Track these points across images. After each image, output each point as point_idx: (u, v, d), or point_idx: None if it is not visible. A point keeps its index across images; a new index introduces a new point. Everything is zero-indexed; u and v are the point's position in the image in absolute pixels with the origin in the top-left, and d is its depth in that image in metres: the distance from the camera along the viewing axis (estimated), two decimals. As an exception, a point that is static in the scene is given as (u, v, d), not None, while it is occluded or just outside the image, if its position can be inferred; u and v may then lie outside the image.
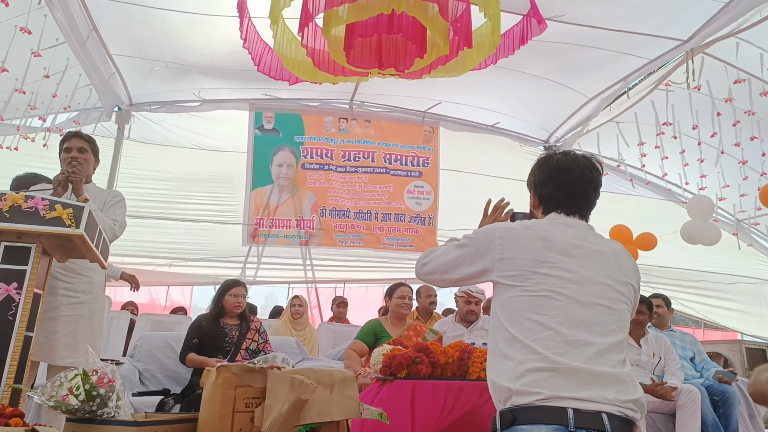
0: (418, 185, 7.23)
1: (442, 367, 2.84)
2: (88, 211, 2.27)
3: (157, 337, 3.76)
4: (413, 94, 6.93)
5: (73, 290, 2.87)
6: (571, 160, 1.56)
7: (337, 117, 7.26)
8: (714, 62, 5.19)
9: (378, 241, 6.95)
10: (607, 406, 1.26)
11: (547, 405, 1.25)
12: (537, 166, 1.63)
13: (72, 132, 3.18)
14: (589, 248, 1.45)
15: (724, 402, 3.58)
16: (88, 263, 2.74)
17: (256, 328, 3.47)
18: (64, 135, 3.14)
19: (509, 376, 1.33)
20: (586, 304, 1.37)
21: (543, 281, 1.39)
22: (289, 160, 6.99)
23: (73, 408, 1.65)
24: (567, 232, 1.47)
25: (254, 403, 1.86)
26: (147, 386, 3.50)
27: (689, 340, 4.20)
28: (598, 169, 1.57)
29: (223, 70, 6.32)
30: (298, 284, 7.29)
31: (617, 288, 1.43)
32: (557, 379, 1.28)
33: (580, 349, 1.32)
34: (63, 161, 3.03)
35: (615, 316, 1.40)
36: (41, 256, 2.27)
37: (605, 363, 1.32)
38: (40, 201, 2.21)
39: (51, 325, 2.76)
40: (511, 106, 7.04)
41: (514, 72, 6.12)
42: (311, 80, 4.36)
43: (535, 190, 1.62)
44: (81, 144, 3.06)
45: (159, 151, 6.75)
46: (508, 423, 1.28)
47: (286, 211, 6.83)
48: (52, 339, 2.74)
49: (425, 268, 1.61)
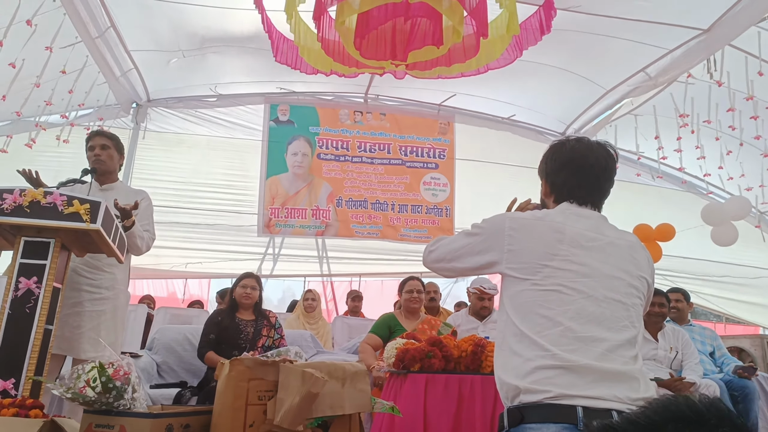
0: (435, 177, 7.20)
1: (455, 361, 2.84)
2: (105, 206, 2.30)
3: (175, 331, 3.81)
4: (428, 86, 6.89)
5: (96, 286, 2.94)
6: (585, 147, 1.48)
7: (352, 110, 7.27)
8: (735, 53, 5.06)
9: (395, 232, 6.94)
10: (618, 404, 1.22)
11: (556, 403, 1.22)
12: (549, 153, 1.55)
13: (95, 131, 3.26)
14: (602, 240, 1.40)
15: (744, 397, 3.52)
16: (110, 260, 2.79)
17: (272, 324, 3.49)
18: (90, 134, 3.21)
19: (517, 373, 1.30)
20: (599, 299, 1.33)
21: (554, 275, 1.34)
22: (305, 149, 7.01)
23: (90, 400, 1.69)
24: (580, 223, 1.41)
25: (267, 396, 1.88)
26: (165, 379, 3.56)
27: (709, 335, 4.13)
28: (613, 156, 1.50)
29: (239, 63, 6.37)
30: (313, 278, 7.32)
31: (631, 282, 1.39)
32: (567, 376, 1.25)
33: (591, 346, 1.28)
34: (88, 159, 3.11)
35: (628, 311, 1.36)
36: (60, 250, 2.32)
37: (617, 360, 1.28)
38: (59, 197, 2.25)
39: (75, 320, 2.82)
40: (527, 98, 6.96)
41: (529, 63, 6.04)
42: (327, 71, 4.36)
43: (547, 178, 1.54)
44: (103, 141, 3.15)
45: (174, 142, 6.82)
46: (517, 421, 1.26)
47: (301, 200, 6.84)
48: (76, 333, 2.81)
49: (432, 255, 1.56)
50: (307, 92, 7.15)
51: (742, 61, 5.01)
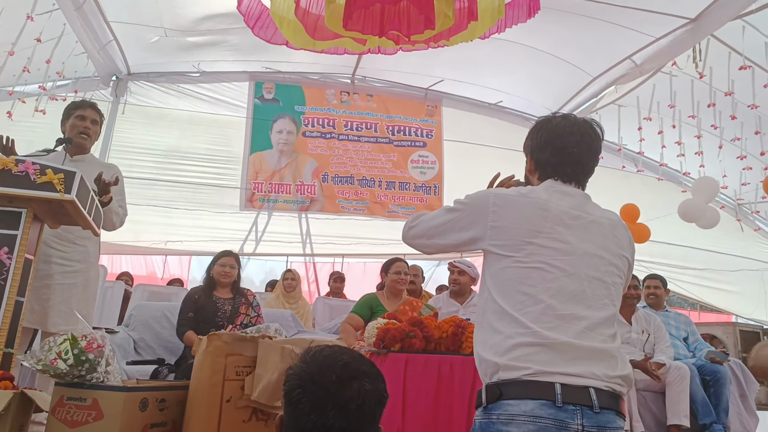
0: (423, 155, 7.17)
1: (436, 341, 2.84)
2: (80, 176, 2.24)
3: (153, 307, 3.76)
4: (415, 71, 6.84)
5: (67, 259, 2.87)
6: (570, 124, 1.47)
7: (338, 91, 7.18)
8: (719, 47, 5.09)
9: (383, 208, 6.90)
10: (596, 381, 1.23)
11: (534, 380, 1.22)
12: (535, 130, 1.53)
13: (89, 102, 3.16)
14: (585, 219, 1.39)
15: (716, 382, 3.60)
16: (82, 232, 2.73)
17: (249, 302, 3.45)
18: (79, 101, 3.11)
19: (496, 350, 1.29)
20: (580, 277, 1.33)
21: (537, 252, 1.32)
22: (290, 127, 6.92)
23: (61, 372, 1.65)
24: (564, 200, 1.40)
25: (245, 372, 1.86)
26: (142, 355, 3.51)
27: (683, 321, 4.21)
28: (598, 134, 1.49)
29: (224, 40, 6.24)
30: (296, 258, 7.28)
31: (612, 261, 1.39)
32: (546, 353, 1.25)
33: (570, 323, 1.28)
34: (72, 126, 3.00)
35: (608, 289, 1.36)
36: (32, 221, 2.25)
37: (596, 338, 1.29)
38: (31, 165, 2.18)
39: (45, 293, 2.76)
40: (515, 84, 6.95)
41: (517, 51, 6.03)
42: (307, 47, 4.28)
43: (532, 154, 1.52)
44: (95, 116, 3.08)
45: (155, 116, 6.67)
46: (495, 397, 1.25)
47: (286, 175, 6.75)
48: (46, 306, 2.75)
49: (412, 231, 1.51)
50: (293, 72, 7.05)
51: (725, 57, 5.05)
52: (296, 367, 1.09)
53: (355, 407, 1.03)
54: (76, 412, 1.66)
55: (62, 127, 3.08)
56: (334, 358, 1.07)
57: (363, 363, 1.09)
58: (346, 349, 1.15)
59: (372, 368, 1.11)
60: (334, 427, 1.02)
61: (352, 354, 1.12)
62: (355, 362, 1.08)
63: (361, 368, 1.07)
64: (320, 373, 1.04)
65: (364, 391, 1.03)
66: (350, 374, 1.05)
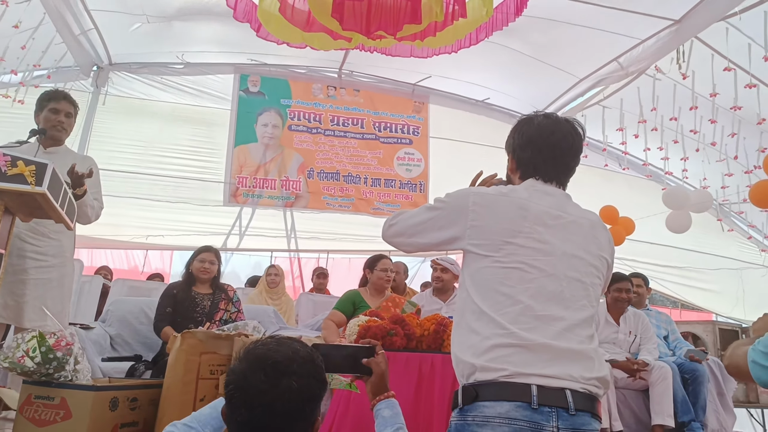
0: (409, 152, 7.14)
1: (417, 339, 2.81)
2: (52, 168, 2.17)
3: (130, 303, 3.69)
4: (403, 66, 6.81)
5: (42, 254, 2.81)
6: (552, 123, 1.46)
7: (325, 85, 7.12)
8: (702, 49, 5.13)
9: (368, 205, 6.86)
10: (572, 383, 1.22)
11: (510, 381, 1.21)
12: (517, 128, 1.51)
13: (63, 93, 3.07)
14: (565, 219, 1.38)
15: (694, 380, 3.63)
16: (57, 226, 2.66)
17: (230, 298, 3.40)
18: (52, 92, 3.03)
19: (474, 351, 1.27)
20: (559, 278, 1.32)
21: (516, 252, 1.31)
22: (275, 120, 6.84)
23: (28, 370, 1.60)
24: (544, 200, 1.39)
25: (219, 371, 1.82)
26: (119, 352, 3.44)
27: (664, 319, 4.24)
28: (579, 134, 1.48)
29: (208, 30, 6.14)
30: (281, 253, 7.22)
31: (591, 262, 1.38)
32: (523, 355, 1.23)
33: (548, 325, 1.27)
34: (45, 119, 2.93)
35: (587, 290, 1.35)
36: (3, 214, 2.19)
37: (573, 339, 1.28)
38: (2, 157, 2.11)
39: (20, 288, 2.70)
40: (502, 82, 6.96)
41: (505, 49, 6.03)
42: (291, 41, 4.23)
43: (514, 153, 1.51)
44: (70, 109, 3.02)
45: (137, 108, 6.56)
46: (471, 399, 1.24)
47: (270, 170, 6.68)
48: (20, 302, 2.69)
49: (392, 229, 1.49)
50: (279, 65, 6.97)
51: (708, 59, 5.09)
52: (235, 363, 1.13)
53: (280, 406, 1.06)
54: (44, 411, 1.61)
55: (36, 119, 3.01)
56: (265, 356, 1.10)
57: (294, 361, 1.10)
58: (285, 345, 1.15)
59: (304, 366, 1.12)
60: (263, 424, 1.06)
61: (287, 350, 1.12)
62: (286, 360, 1.09)
63: (291, 367, 1.09)
64: (251, 371, 1.08)
65: (291, 390, 1.06)
66: (278, 373, 1.07)
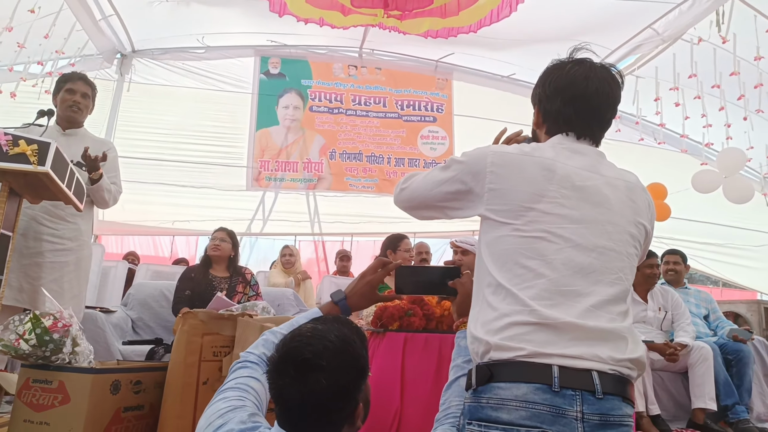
0: (432, 130, 6.95)
1: (437, 319, 2.70)
2: (55, 147, 2.12)
3: (151, 286, 3.68)
4: (425, 43, 6.61)
5: (58, 236, 2.79)
6: (586, 70, 1.26)
7: (346, 64, 6.98)
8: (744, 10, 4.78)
9: (392, 185, 6.68)
10: (599, 364, 1.07)
11: (529, 361, 1.07)
12: (544, 76, 1.32)
13: (79, 74, 3.05)
14: (597, 180, 1.20)
15: (738, 361, 3.40)
16: (74, 210, 2.63)
17: (247, 281, 3.34)
18: (69, 74, 3.01)
19: (489, 328, 1.13)
20: (588, 248, 1.15)
21: (539, 219, 1.15)
22: (296, 102, 6.74)
23: (23, 353, 1.54)
24: (573, 159, 1.21)
25: (223, 352, 1.74)
26: (140, 335, 3.44)
27: (704, 297, 4.00)
28: (617, 81, 1.28)
29: (228, 13, 6.07)
30: (304, 237, 7.17)
31: (627, 229, 1.20)
32: (543, 333, 1.09)
33: (574, 301, 1.12)
34: (62, 100, 2.91)
35: (621, 261, 1.18)
36: (9, 195, 2.15)
37: (603, 317, 1.12)
38: (3, 136, 2.06)
39: (36, 271, 2.69)
40: (528, 56, 6.68)
41: (530, 22, 5.78)
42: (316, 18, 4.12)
43: (540, 105, 1.32)
44: (86, 90, 2.98)
45: (160, 95, 6.56)
46: (485, 379, 1.10)
47: (292, 153, 6.60)
48: (36, 285, 2.67)
49: (403, 194, 1.35)
50: (299, 45, 6.86)
51: (750, 20, 4.73)
52: (276, 348, 1.12)
53: (311, 402, 1.06)
54: (42, 396, 1.56)
55: (53, 100, 3.00)
56: (297, 350, 1.07)
57: (323, 356, 1.07)
58: (317, 337, 1.09)
59: (334, 359, 1.07)
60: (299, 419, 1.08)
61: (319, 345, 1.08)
62: (315, 356, 1.06)
63: (319, 363, 1.05)
64: (282, 368, 1.07)
65: (319, 387, 1.05)
66: (306, 370, 1.05)
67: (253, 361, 1.26)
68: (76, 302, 2.77)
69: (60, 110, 2.93)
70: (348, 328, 1.15)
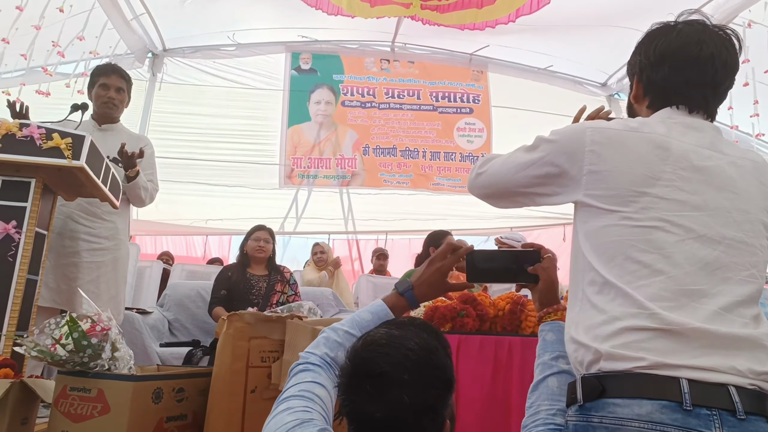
0: (469, 122, 6.72)
1: (491, 320, 2.52)
2: (90, 140, 2.01)
3: (187, 287, 3.59)
4: (458, 36, 6.43)
5: (95, 235, 2.71)
6: (699, 32, 1.07)
7: (378, 59, 6.84)
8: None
9: (427, 180, 6.51)
10: (738, 378, 0.89)
11: (651, 373, 0.89)
12: (648, 41, 1.12)
13: (113, 66, 2.95)
14: (720, 161, 1.02)
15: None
16: (110, 208, 2.55)
17: (286, 280, 3.22)
18: (102, 66, 2.93)
19: (597, 334, 0.96)
20: (714, 240, 0.97)
21: (654, 206, 0.98)
22: (328, 97, 6.62)
23: (60, 359, 1.43)
24: (689, 136, 1.03)
25: (271, 357, 1.60)
26: (177, 337, 3.35)
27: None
28: (735, 46, 1.08)
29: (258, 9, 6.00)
30: (338, 236, 7.05)
31: (759, 217, 1.01)
32: (666, 341, 0.91)
33: (700, 303, 0.93)
34: (96, 96, 2.83)
35: (753, 255, 0.99)
36: (43, 192, 2.05)
37: (735, 321, 0.93)
38: (36, 129, 1.97)
39: (72, 271, 2.61)
40: (566, 47, 6.45)
41: (567, 11, 5.55)
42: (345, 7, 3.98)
43: (641, 74, 1.13)
44: (121, 84, 2.89)
45: (192, 93, 6.53)
46: (596, 394, 0.93)
47: (325, 149, 6.47)
48: (73, 286, 2.59)
49: (480, 179, 1.18)
50: (330, 40, 6.77)
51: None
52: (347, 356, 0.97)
53: (392, 423, 0.90)
54: (80, 405, 1.44)
55: (88, 94, 2.93)
56: (373, 362, 0.91)
57: (405, 369, 0.89)
58: (395, 346, 0.92)
59: (417, 371, 0.90)
60: None
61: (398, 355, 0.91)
62: (395, 370, 0.89)
63: (400, 378, 0.88)
64: (357, 378, 0.92)
65: (401, 405, 0.88)
66: (385, 386, 0.89)
67: (315, 363, 1.09)
68: (114, 304, 2.68)
69: (95, 106, 2.85)
70: (428, 332, 0.98)
